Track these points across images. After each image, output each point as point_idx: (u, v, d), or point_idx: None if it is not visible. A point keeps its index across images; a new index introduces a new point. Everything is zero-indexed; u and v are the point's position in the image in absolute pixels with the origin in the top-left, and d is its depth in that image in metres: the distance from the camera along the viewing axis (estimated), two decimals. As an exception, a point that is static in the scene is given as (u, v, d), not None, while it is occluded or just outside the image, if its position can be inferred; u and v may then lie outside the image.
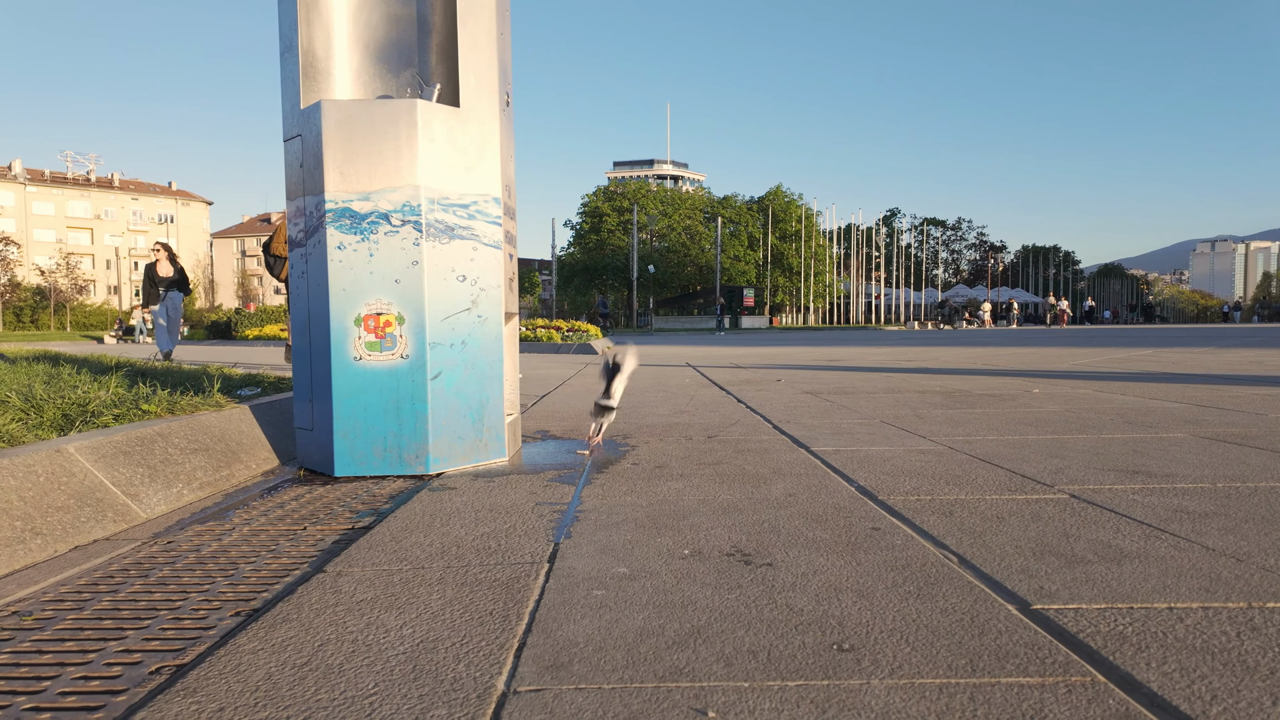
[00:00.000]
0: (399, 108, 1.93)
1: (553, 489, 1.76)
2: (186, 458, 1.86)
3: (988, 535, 1.33)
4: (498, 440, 2.10)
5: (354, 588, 1.12)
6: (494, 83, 2.08)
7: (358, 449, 1.95)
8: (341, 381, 1.94)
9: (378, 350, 1.94)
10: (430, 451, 1.95)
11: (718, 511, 1.52)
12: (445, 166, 1.98)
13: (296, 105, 2.03)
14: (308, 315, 2.02)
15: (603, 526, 1.42)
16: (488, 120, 2.06)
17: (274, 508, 1.66)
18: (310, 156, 1.97)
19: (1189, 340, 11.98)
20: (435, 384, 1.96)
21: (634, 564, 1.19)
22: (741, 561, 1.20)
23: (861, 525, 1.40)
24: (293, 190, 2.06)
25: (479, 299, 2.04)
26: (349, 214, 1.93)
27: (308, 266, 2.01)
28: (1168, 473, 1.83)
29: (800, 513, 1.50)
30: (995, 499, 1.60)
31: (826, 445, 2.31)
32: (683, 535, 1.35)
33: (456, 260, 2.00)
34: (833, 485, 1.75)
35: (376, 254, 1.93)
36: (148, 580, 1.20)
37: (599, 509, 1.56)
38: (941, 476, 1.84)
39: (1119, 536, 1.31)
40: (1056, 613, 0.98)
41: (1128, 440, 2.31)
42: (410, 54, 2.20)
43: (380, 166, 1.93)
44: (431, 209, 1.95)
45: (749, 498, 1.64)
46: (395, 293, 1.93)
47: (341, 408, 1.94)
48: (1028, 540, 1.30)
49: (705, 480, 1.83)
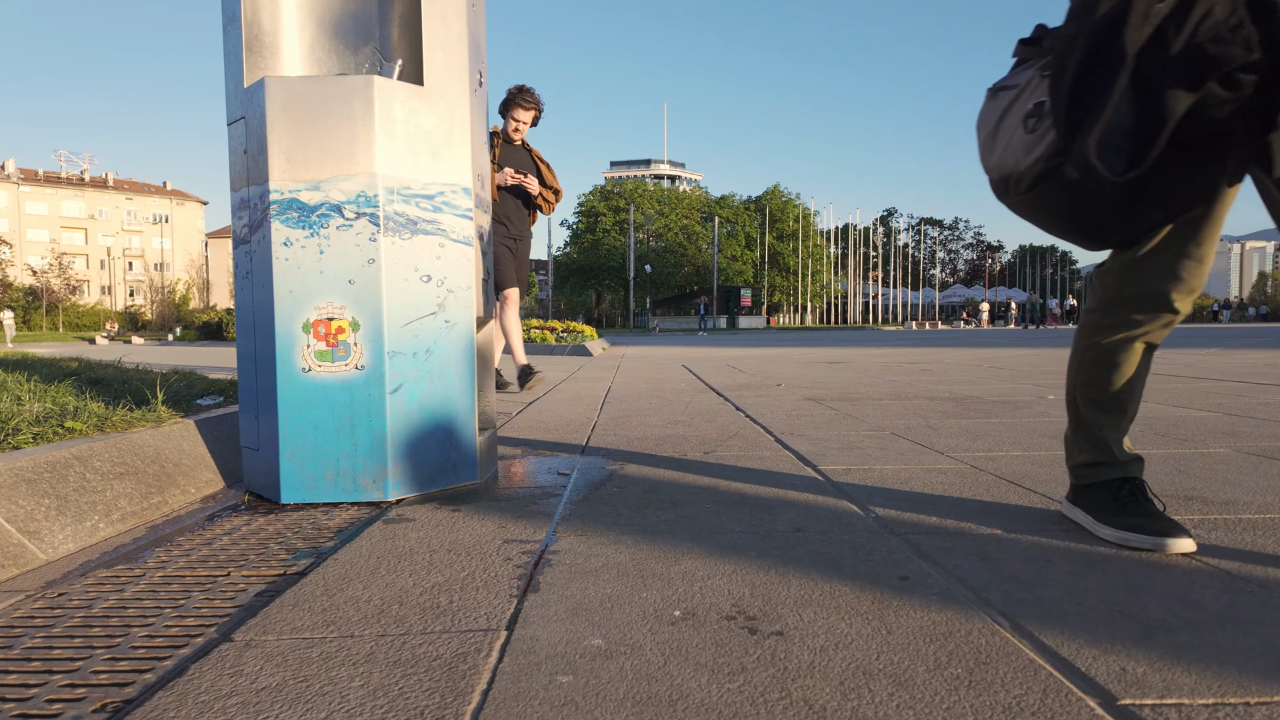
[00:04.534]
0: (353, 85, 1.70)
1: (525, 521, 1.54)
2: (109, 484, 1.63)
3: (1037, 587, 1.11)
4: (468, 460, 1.87)
5: (260, 667, 0.90)
6: (464, 59, 1.85)
7: (306, 472, 1.72)
8: (288, 396, 1.71)
9: (329, 360, 1.71)
10: (389, 475, 1.72)
11: (715, 552, 1.29)
12: (407, 152, 1.75)
13: (240, 84, 1.80)
14: (253, 320, 1.79)
15: (578, 574, 1.19)
16: (457, 101, 1.83)
17: (201, 545, 1.43)
18: (254, 141, 1.74)
19: (1193, 341, 11.79)
20: (395, 398, 1.73)
21: (612, 632, 0.97)
22: (745, 629, 0.97)
23: (886, 573, 1.18)
24: (236, 180, 1.83)
25: (446, 302, 1.82)
26: (296, 205, 1.70)
27: (252, 266, 1.78)
28: (1225, 499, 1.61)
29: (812, 554, 1.27)
30: (1034, 536, 1.38)
31: (835, 463, 2.08)
32: (673, 587, 1.13)
33: (420, 258, 1.77)
34: (847, 515, 1.53)
35: (328, 251, 1.70)
36: (8, 654, 0.97)
37: (576, 549, 1.33)
38: (968, 504, 1.61)
39: (1195, 590, 1.09)
40: (1153, 713, 0.76)
41: (1167, 457, 2.09)
42: (370, 28, 1.97)
43: (332, 152, 1.70)
44: (391, 200, 1.72)
45: (752, 532, 1.41)
46: (349, 295, 1.71)
47: (288, 425, 1.71)
48: (1086, 594, 1.08)
49: (701, 509, 1.60)
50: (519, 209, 4.49)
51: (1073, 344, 1.48)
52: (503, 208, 4.36)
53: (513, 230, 4.47)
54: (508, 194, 4.39)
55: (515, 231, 4.49)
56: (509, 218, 4.43)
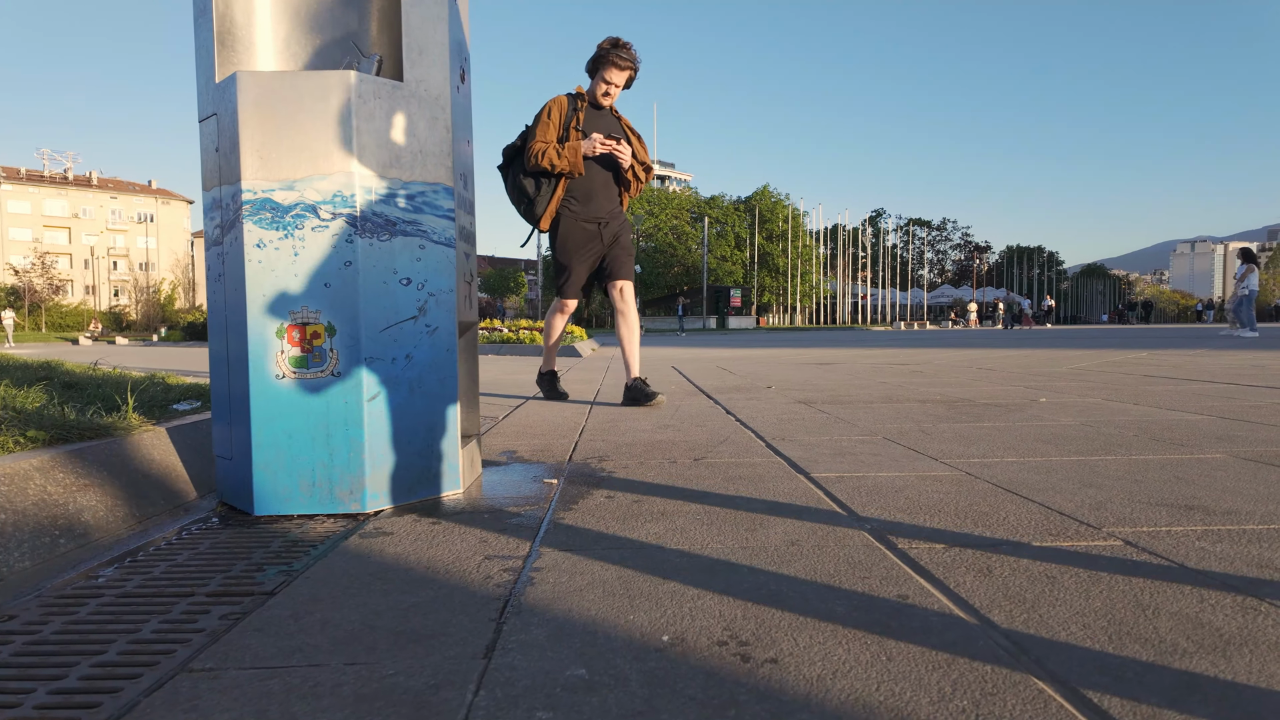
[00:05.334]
0: (329, 81, 1.63)
1: (508, 534, 1.48)
2: (72, 497, 1.55)
3: (1042, 606, 1.06)
4: (450, 469, 1.81)
5: (216, 701, 0.83)
6: (445, 55, 1.78)
7: (281, 483, 1.65)
8: (261, 403, 1.64)
9: (304, 367, 1.64)
10: (367, 486, 1.66)
11: (706, 570, 1.24)
12: (386, 151, 1.68)
13: (211, 79, 1.73)
14: (225, 325, 1.72)
15: (562, 594, 1.13)
16: (438, 97, 1.77)
17: (166, 562, 1.36)
18: (226, 139, 1.67)
19: (1179, 341, 11.86)
20: (373, 406, 1.66)
21: (595, 661, 0.91)
22: (737, 655, 0.92)
23: (885, 592, 1.12)
24: (208, 179, 1.76)
25: (427, 306, 1.75)
26: (270, 206, 1.63)
27: (224, 268, 1.71)
28: (1227, 509, 1.57)
29: (807, 571, 1.22)
30: (1036, 548, 1.34)
31: (828, 470, 2.04)
32: (662, 609, 1.07)
33: (399, 260, 1.70)
34: (842, 529, 1.47)
35: (302, 253, 1.64)
36: (-54, 688, 0.90)
37: (560, 565, 1.27)
38: (966, 514, 1.57)
39: (1207, 609, 1.04)
40: (1174, 751, 0.71)
41: (1164, 463, 2.06)
42: (349, 23, 1.91)
43: (307, 150, 1.63)
44: (369, 200, 1.66)
45: (744, 547, 1.36)
46: (325, 299, 1.64)
47: (262, 434, 1.64)
48: (1094, 615, 1.03)
49: (691, 521, 1.55)
50: (607, 185, 3.66)
51: None
52: (587, 184, 3.58)
53: (597, 212, 3.64)
54: (595, 167, 3.59)
55: (601, 213, 3.65)
56: (595, 195, 3.61)
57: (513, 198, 3.65)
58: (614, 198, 3.71)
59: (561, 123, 3.54)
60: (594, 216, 3.63)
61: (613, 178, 3.67)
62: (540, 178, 3.56)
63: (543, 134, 3.51)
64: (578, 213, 3.61)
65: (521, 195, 3.59)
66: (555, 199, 3.58)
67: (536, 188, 3.55)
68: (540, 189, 3.55)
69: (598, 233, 3.65)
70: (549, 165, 3.46)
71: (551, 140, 3.50)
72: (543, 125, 3.53)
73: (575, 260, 3.65)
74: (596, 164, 3.59)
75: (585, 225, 3.61)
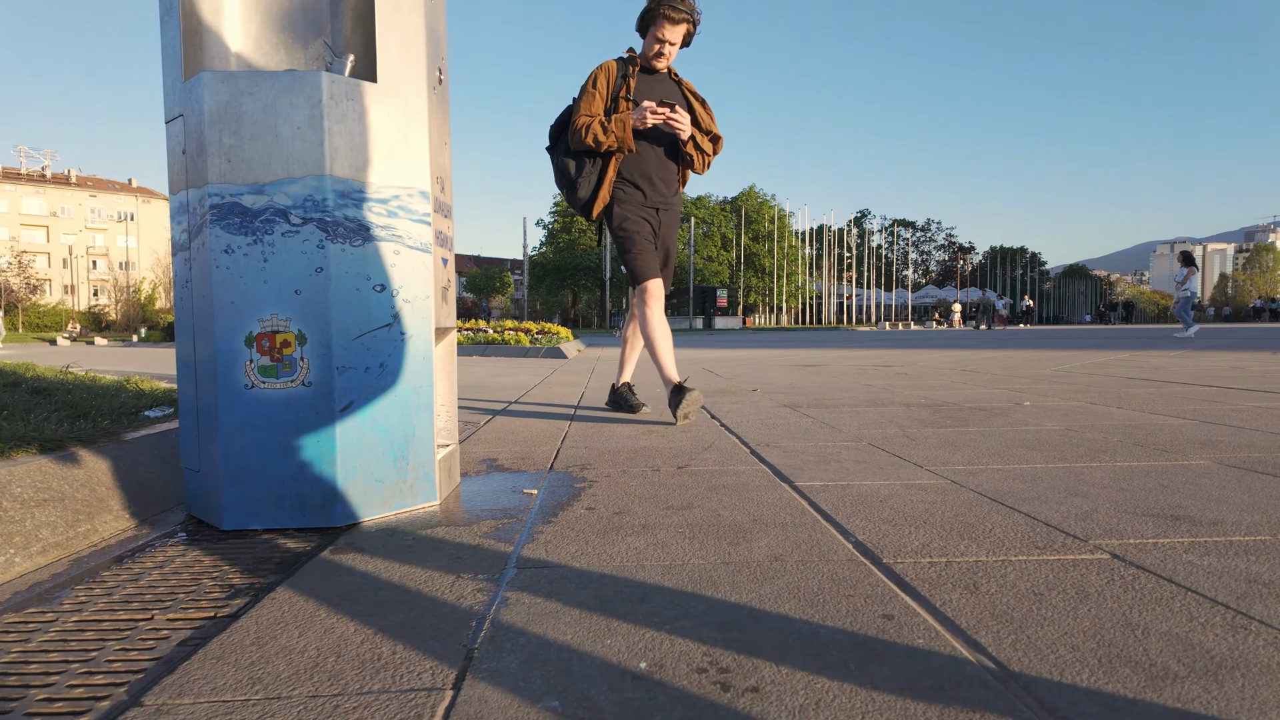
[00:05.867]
0: (300, 81, 1.58)
1: (484, 550, 1.43)
2: (30, 513, 1.49)
3: (1030, 626, 1.04)
4: (426, 481, 1.76)
5: (167, 740, 0.79)
6: (421, 54, 1.74)
7: (251, 496, 1.60)
8: (230, 414, 1.59)
9: (274, 376, 1.59)
10: (339, 500, 1.61)
11: (687, 588, 1.20)
12: (359, 153, 1.64)
13: (178, 79, 1.68)
14: (192, 332, 1.67)
15: (537, 617, 1.09)
16: (413, 98, 1.72)
17: (127, 582, 1.31)
18: (193, 141, 1.62)
19: (1160, 342, 11.98)
20: (345, 416, 1.61)
21: (569, 692, 0.87)
22: (717, 684, 0.88)
23: (869, 611, 1.09)
24: (175, 183, 1.71)
25: (402, 312, 1.71)
26: (238, 210, 1.58)
27: (192, 274, 1.66)
28: (1213, 519, 1.56)
29: (790, 589, 1.19)
30: (1023, 561, 1.31)
31: (813, 479, 2.01)
32: (640, 632, 1.03)
33: (373, 266, 1.66)
34: (826, 541, 1.44)
35: (272, 259, 1.58)
36: (-121, 726, 0.85)
37: (537, 585, 1.23)
38: (952, 525, 1.54)
39: (1197, 628, 1.02)
40: (1169, 788, 0.68)
41: (1149, 470, 2.05)
42: (321, 21, 1.86)
43: (277, 153, 1.58)
44: (341, 204, 1.61)
45: (726, 563, 1.32)
46: (295, 306, 1.59)
47: (230, 446, 1.59)
48: (1082, 634, 1.00)
49: (673, 534, 1.51)
50: (662, 163, 3.12)
51: None
52: (639, 163, 3.07)
53: (653, 195, 3.12)
54: (647, 143, 3.06)
55: (657, 197, 3.13)
56: (649, 176, 3.09)
57: (558, 181, 3.14)
58: (671, 177, 3.17)
59: (610, 92, 3.04)
60: (651, 201, 3.12)
61: (669, 153, 3.12)
62: (585, 158, 3.04)
63: (587, 106, 3.01)
64: (632, 197, 3.10)
65: (564, 177, 3.08)
66: (607, 182, 3.04)
67: (579, 169, 3.03)
68: (582, 170, 3.03)
69: (657, 219, 3.16)
70: (594, 142, 2.96)
71: (597, 113, 3.01)
72: (587, 96, 3.02)
73: (642, 231, 3.10)
74: (649, 138, 3.06)
75: (643, 208, 3.12)
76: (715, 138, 3.18)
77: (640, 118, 2.94)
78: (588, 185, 3.04)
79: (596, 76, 3.06)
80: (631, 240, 3.08)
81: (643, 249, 3.08)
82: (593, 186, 3.05)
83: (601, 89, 3.04)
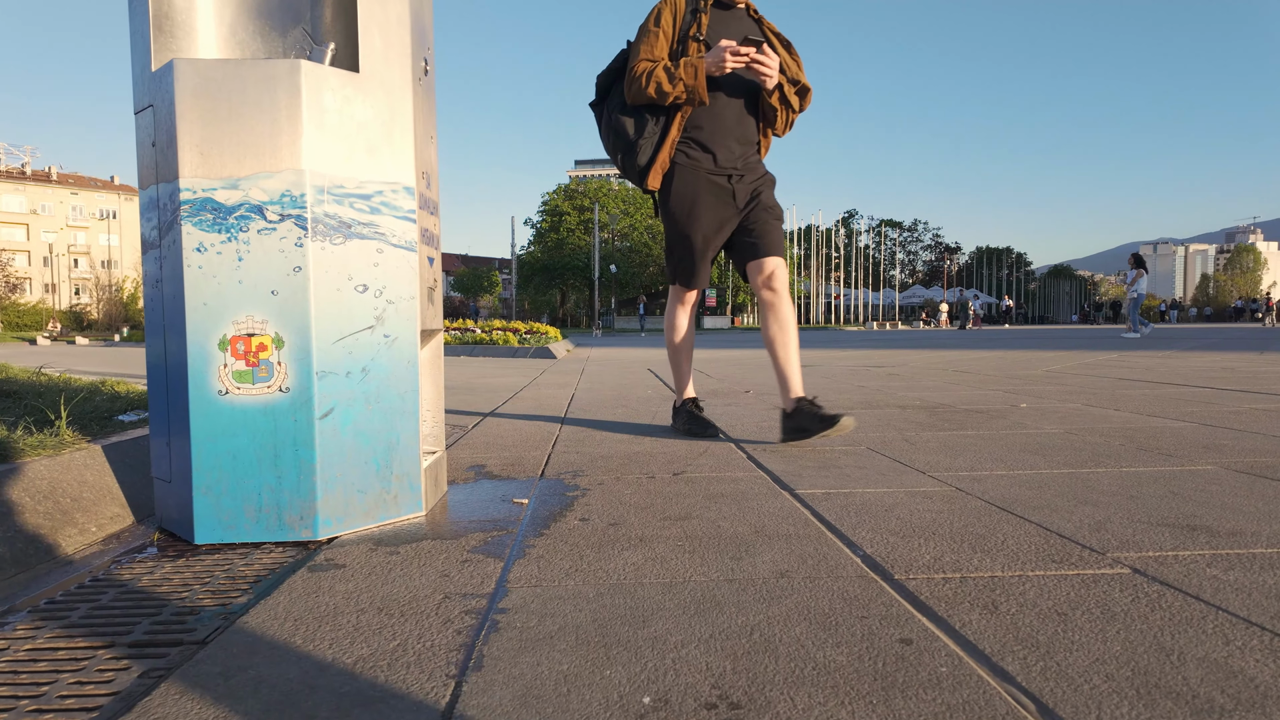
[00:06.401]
0: (277, 70, 1.50)
1: (473, 566, 1.35)
2: (-14, 527, 1.40)
3: (1058, 651, 0.97)
4: (411, 491, 1.68)
5: (119, 795, 0.71)
6: (406, 44, 1.66)
7: (225, 508, 1.51)
8: (203, 422, 1.50)
9: (249, 381, 1.50)
10: (319, 511, 1.52)
11: (690, 609, 1.13)
12: (340, 147, 1.55)
13: (147, 68, 1.59)
14: (163, 336, 1.58)
15: (530, 643, 1.02)
16: (397, 90, 1.64)
17: (87, 603, 1.22)
18: (163, 133, 1.53)
19: (1145, 342, 12.03)
20: (326, 424, 1.53)
21: (567, 732, 0.79)
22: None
23: (886, 634, 1.03)
24: (145, 177, 1.62)
25: (386, 314, 1.62)
26: (211, 206, 1.49)
27: (162, 274, 1.57)
28: (1231, 529, 1.50)
29: (800, 610, 1.12)
30: (1041, 577, 1.25)
31: (813, 486, 1.94)
32: (642, 660, 0.96)
33: (355, 265, 1.57)
34: (834, 556, 1.38)
35: (247, 258, 1.50)
36: None
37: (529, 605, 1.16)
38: (962, 537, 1.48)
39: (1235, 652, 0.96)
40: (1236, 846, 0.61)
41: (1157, 476, 1.99)
42: (300, 8, 1.77)
43: (252, 146, 1.49)
44: (321, 200, 1.52)
45: (729, 580, 1.25)
46: (272, 307, 1.50)
47: (203, 455, 1.50)
48: (1115, 661, 0.94)
49: (672, 547, 1.44)
50: (740, 120, 2.54)
51: None
52: (713, 117, 2.50)
53: (725, 159, 2.54)
54: (722, 93, 2.49)
55: (730, 161, 2.54)
56: (723, 136, 2.52)
57: (608, 145, 2.59)
58: (750, 136, 2.58)
59: (677, 31, 2.50)
60: (724, 166, 2.54)
61: (749, 106, 2.55)
62: (645, 113, 2.48)
63: (649, 49, 2.45)
64: (700, 161, 2.53)
65: (619, 140, 2.51)
66: (669, 142, 2.49)
67: (638, 128, 2.47)
68: (643, 129, 2.46)
69: (729, 189, 2.54)
70: (656, 93, 2.40)
71: (661, 56, 2.47)
72: (649, 37, 2.47)
73: (698, 228, 2.56)
74: (724, 88, 2.49)
75: (712, 178, 2.53)
76: (804, 89, 2.58)
77: (718, 61, 2.37)
78: (649, 148, 2.48)
79: (660, 12, 2.50)
80: (689, 227, 2.57)
81: (697, 243, 2.58)
82: (654, 149, 2.50)
83: (666, 27, 2.49)
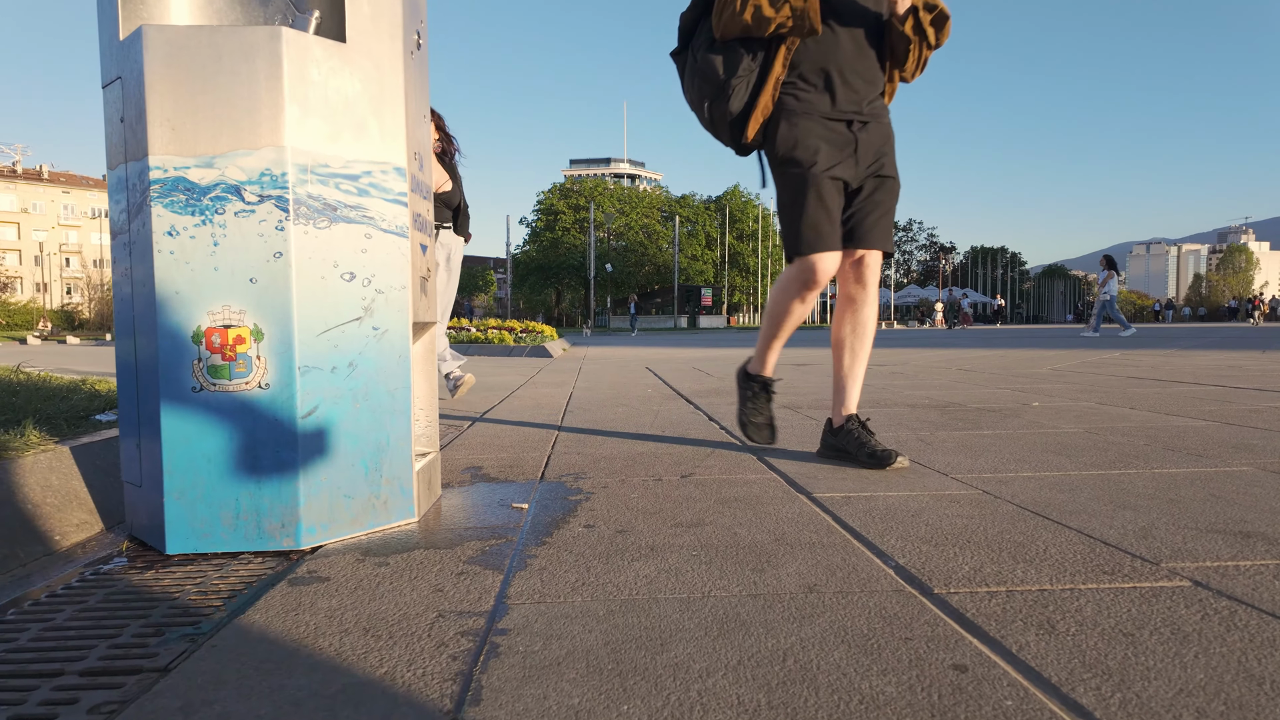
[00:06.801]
0: (256, 39, 1.37)
1: (469, 579, 1.23)
2: (-66, 537, 1.27)
3: (1134, 680, 0.86)
4: (403, 495, 1.56)
5: None
6: (397, 13, 1.54)
7: (199, 515, 1.39)
8: (175, 421, 1.38)
9: (226, 377, 1.38)
10: (302, 518, 1.40)
11: (713, 630, 1.01)
12: (325, 124, 1.43)
13: (115, 36, 1.46)
14: (133, 328, 1.45)
15: (534, 671, 0.90)
16: (388, 63, 1.52)
17: (41, 623, 1.10)
18: (131, 107, 1.40)
19: (1144, 341, 11.97)
20: (309, 423, 1.41)
21: (582, 785, 0.68)
22: (770, 772, 0.69)
23: (936, 660, 0.91)
24: (113, 156, 1.49)
25: (375, 305, 1.50)
26: (184, 186, 1.37)
27: (132, 260, 1.44)
28: (1288, 535, 1.39)
29: (836, 631, 1.00)
30: (1095, 590, 1.13)
31: (831, 489, 1.83)
32: (664, 694, 0.84)
33: (341, 251, 1.45)
34: (864, 566, 1.26)
35: (223, 242, 1.37)
36: None
37: (532, 625, 1.04)
38: (1000, 545, 1.36)
39: (1334, 680, 0.84)
40: None
41: (1193, 478, 1.89)
42: (283, -26, 1.65)
43: (230, 121, 1.37)
44: (304, 180, 1.40)
45: (753, 595, 1.14)
46: (251, 297, 1.38)
47: (175, 457, 1.38)
48: (1202, 693, 0.83)
49: (686, 558, 1.32)
50: (860, 52, 2.02)
51: None
52: (824, 52, 1.99)
53: (845, 99, 2.01)
54: (837, 21, 1.97)
55: (851, 101, 2.02)
56: (840, 72, 2.00)
57: (692, 95, 2.10)
58: (873, 75, 2.06)
59: None
60: (844, 109, 2.02)
61: (871, 38, 2.03)
62: (739, 48, 1.98)
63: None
64: (811, 104, 2.01)
65: (705, 84, 2.02)
66: (771, 81, 1.99)
67: (729, 66, 1.98)
68: (736, 67, 1.97)
69: (850, 139, 2.02)
70: (754, 20, 1.90)
71: None
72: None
73: (817, 183, 2.00)
74: (841, 13, 1.99)
75: (829, 125, 2.01)
76: (942, 16, 2.04)
77: None
78: (744, 90, 1.99)
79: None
80: (802, 186, 2.01)
81: (815, 202, 2.00)
82: (751, 90, 2.00)
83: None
